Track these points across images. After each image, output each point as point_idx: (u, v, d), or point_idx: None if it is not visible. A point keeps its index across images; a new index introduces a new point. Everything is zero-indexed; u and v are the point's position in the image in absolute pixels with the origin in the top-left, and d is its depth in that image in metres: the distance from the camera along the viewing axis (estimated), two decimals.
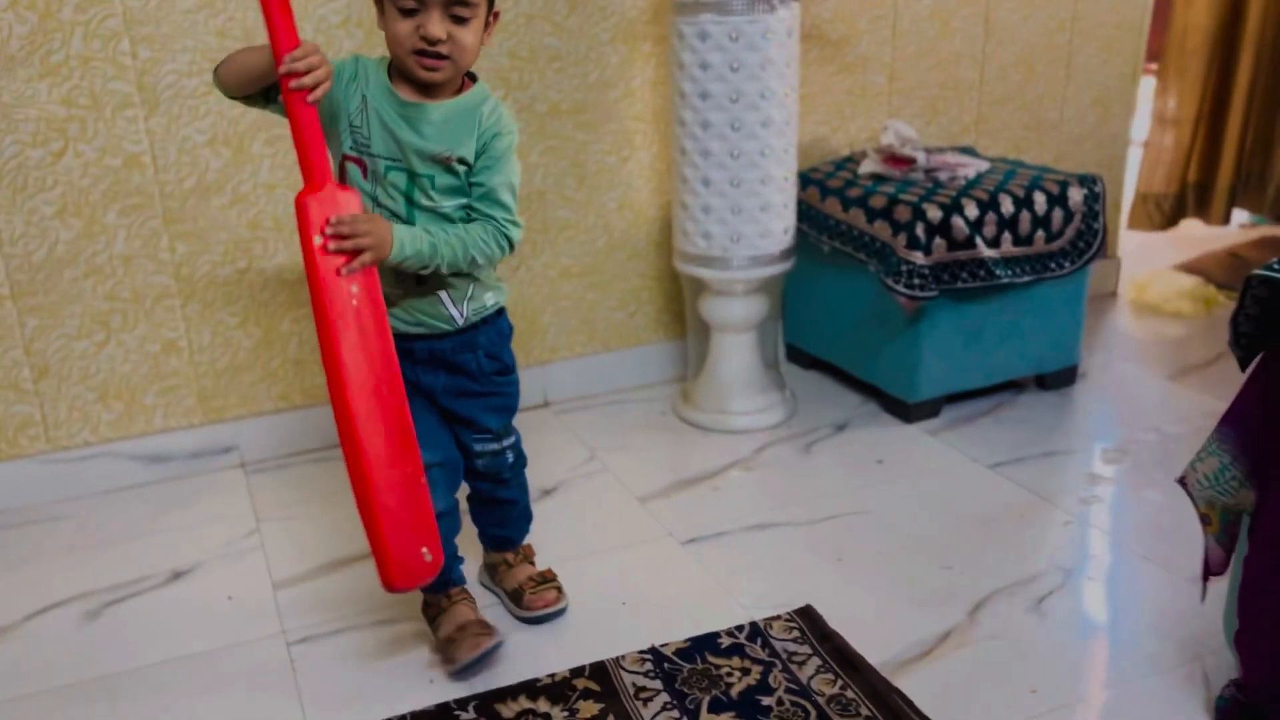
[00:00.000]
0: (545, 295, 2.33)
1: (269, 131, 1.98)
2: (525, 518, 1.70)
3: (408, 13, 1.31)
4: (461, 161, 1.38)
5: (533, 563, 1.70)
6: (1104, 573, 1.73)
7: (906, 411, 2.24)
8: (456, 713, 1.41)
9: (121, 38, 1.84)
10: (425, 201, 1.39)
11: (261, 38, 1.30)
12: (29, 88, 1.81)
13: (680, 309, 2.46)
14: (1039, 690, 1.43)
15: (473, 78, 1.43)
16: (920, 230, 2.07)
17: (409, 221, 1.38)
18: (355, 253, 1.29)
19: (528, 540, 1.72)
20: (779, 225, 2.13)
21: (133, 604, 1.71)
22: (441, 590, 1.55)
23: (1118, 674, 1.48)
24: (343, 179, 1.39)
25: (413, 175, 1.38)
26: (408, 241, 1.34)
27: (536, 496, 1.98)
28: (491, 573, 1.71)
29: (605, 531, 1.88)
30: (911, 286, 2.07)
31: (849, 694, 1.42)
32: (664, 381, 2.49)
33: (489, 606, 1.66)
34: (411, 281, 1.41)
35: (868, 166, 2.30)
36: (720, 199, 2.08)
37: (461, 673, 1.50)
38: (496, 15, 1.40)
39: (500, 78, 2.14)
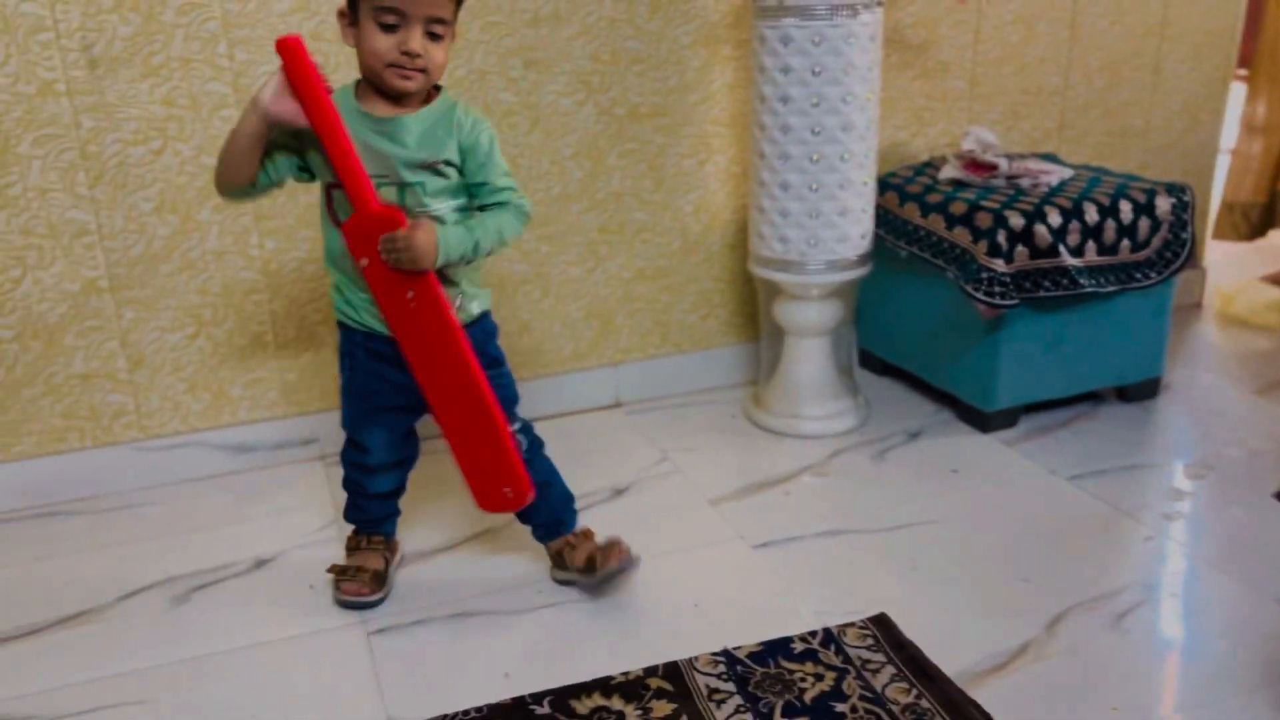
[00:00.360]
0: (619, 297, 2.35)
1: None
2: (565, 499, 1.75)
3: (388, 28, 1.42)
4: (448, 164, 1.50)
5: (593, 539, 1.73)
6: (1186, 590, 1.70)
7: (983, 420, 2.22)
8: (531, 707, 1.43)
9: (220, 40, 1.90)
10: (419, 209, 1.49)
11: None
12: (131, 88, 1.88)
13: (753, 312, 2.47)
14: (1120, 709, 1.41)
15: (437, 88, 1.54)
16: (1001, 237, 2.05)
17: None
18: (405, 264, 1.45)
19: (582, 526, 1.75)
20: (857, 230, 2.12)
21: (218, 589, 1.76)
22: (367, 530, 1.75)
23: (1200, 694, 1.44)
24: (330, 205, 1.52)
25: (403, 186, 1.49)
26: (453, 245, 1.47)
27: (607, 496, 2.01)
28: (558, 561, 1.74)
29: (677, 532, 1.89)
30: (991, 294, 2.05)
31: (924, 704, 1.41)
32: (735, 385, 2.49)
33: (565, 603, 1.68)
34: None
35: (948, 172, 2.28)
36: (798, 203, 2.08)
37: (339, 605, 1.69)
38: (453, 35, 1.50)
39: (581, 80, 2.16)
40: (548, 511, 1.72)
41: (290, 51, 1.41)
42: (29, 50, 1.80)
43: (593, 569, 1.66)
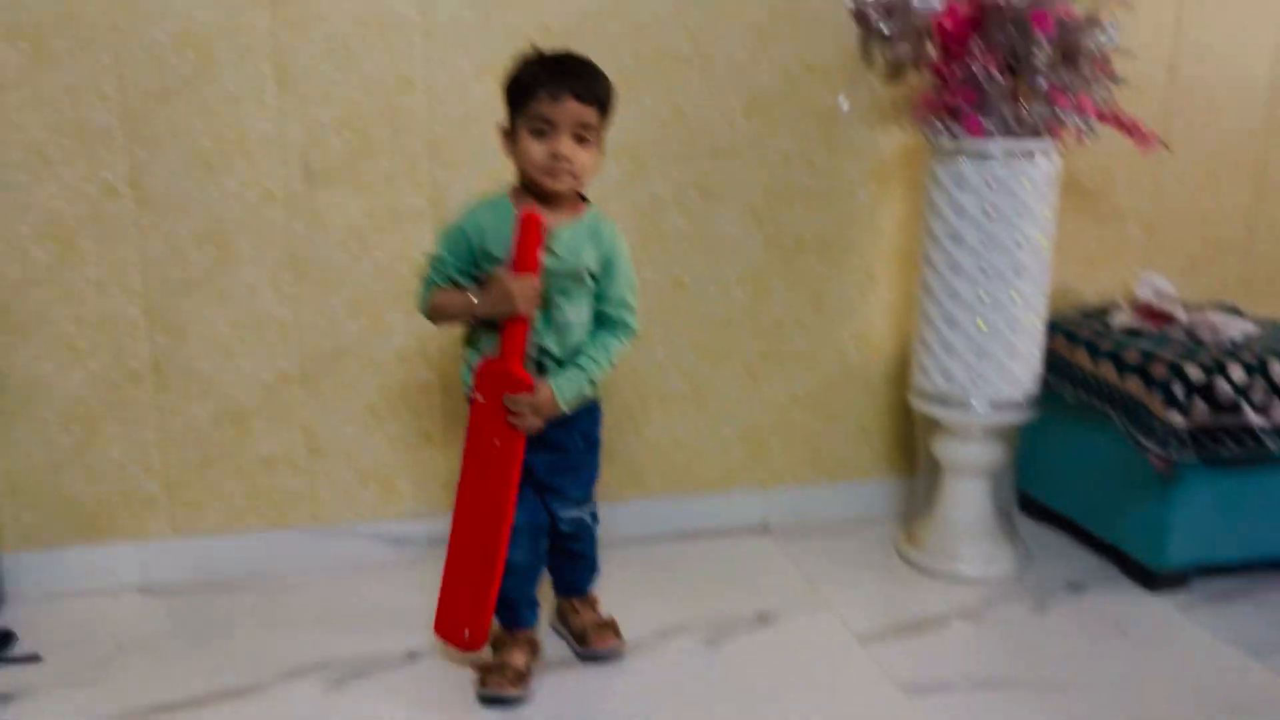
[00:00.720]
0: (773, 420, 2.36)
1: None
2: (592, 568, 1.94)
3: (540, 134, 1.60)
4: (590, 274, 1.67)
5: (597, 611, 1.92)
6: None
7: (1152, 579, 2.10)
8: None
9: (423, 159, 2.06)
10: (555, 313, 1.67)
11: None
12: (340, 199, 2.04)
13: (910, 445, 2.44)
14: None
15: (584, 198, 1.70)
16: (1179, 390, 1.98)
17: (546, 324, 1.67)
18: (519, 425, 1.65)
19: (595, 591, 1.95)
20: (1025, 372, 2.09)
21: (372, 679, 1.81)
22: (511, 626, 1.81)
23: None
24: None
25: (546, 290, 1.64)
26: (568, 391, 1.67)
27: (752, 623, 1.99)
28: (561, 617, 1.94)
29: (822, 669, 1.84)
30: (1167, 447, 1.97)
31: None
32: (888, 518, 2.45)
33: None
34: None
35: (1121, 319, 2.23)
36: (964, 340, 2.07)
37: (481, 700, 1.73)
38: (602, 145, 1.67)
39: (752, 211, 2.23)
40: (573, 576, 1.92)
41: (534, 227, 1.59)
42: (257, 162, 1.99)
43: (583, 642, 1.87)
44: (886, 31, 2.06)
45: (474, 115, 2.05)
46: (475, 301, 1.65)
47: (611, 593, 2.09)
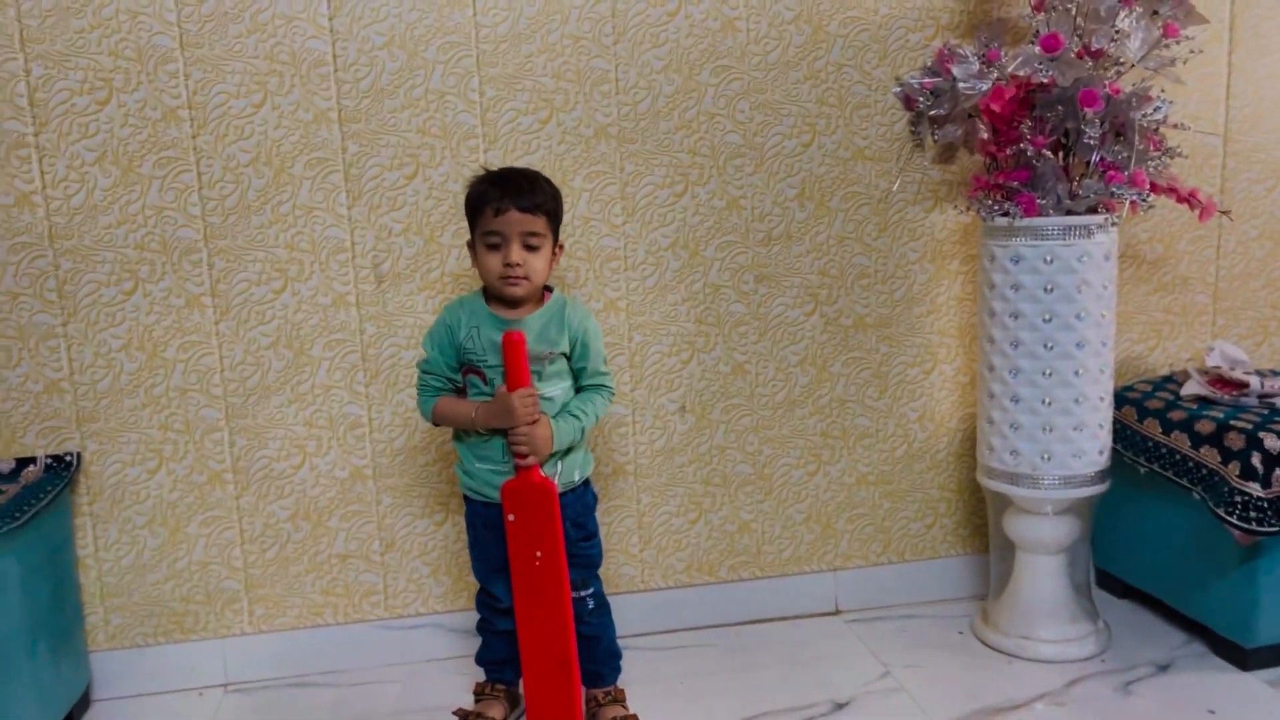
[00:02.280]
0: (841, 501, 2.36)
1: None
2: (611, 655, 1.96)
3: (493, 247, 1.76)
4: (561, 354, 1.81)
5: (624, 704, 1.95)
6: None
7: (1242, 657, 2.03)
8: None
9: None
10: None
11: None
12: (409, 299, 2.12)
13: (980, 523, 2.41)
14: None
15: (549, 289, 1.86)
16: (1257, 460, 1.94)
17: None
18: (526, 452, 1.75)
19: (621, 684, 1.97)
20: (1093, 446, 2.06)
21: None
22: (493, 675, 1.97)
23: None
24: (465, 386, 1.84)
25: None
26: (565, 436, 1.79)
27: (828, 710, 1.96)
28: (589, 710, 1.95)
29: None
30: (1247, 520, 1.92)
31: None
32: (961, 598, 2.41)
33: None
34: (504, 463, 1.81)
35: (1191, 388, 2.20)
36: (1030, 416, 2.06)
37: None
38: (561, 247, 1.84)
39: (809, 293, 2.26)
40: (600, 663, 1.94)
41: (518, 345, 1.75)
42: (329, 267, 2.08)
43: None
44: (935, 114, 2.10)
45: None
46: (474, 416, 1.79)
47: (682, 681, 2.09)
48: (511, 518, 1.77)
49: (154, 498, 2.10)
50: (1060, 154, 2.05)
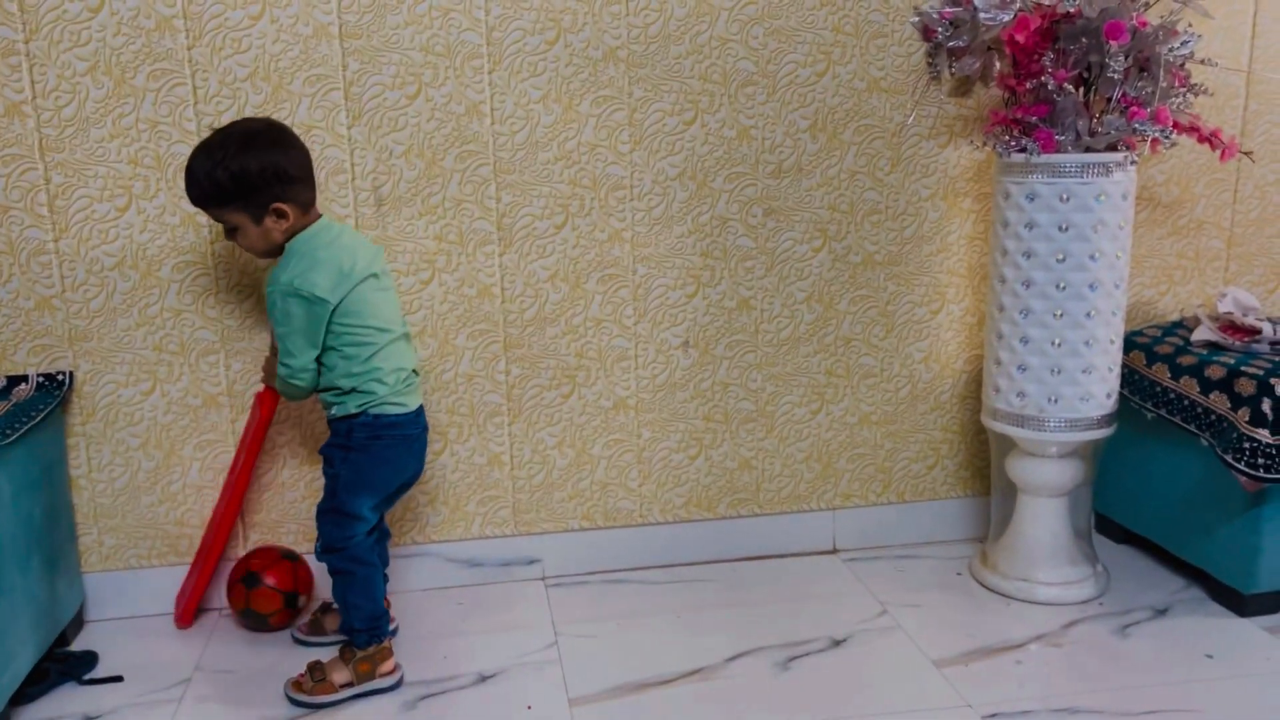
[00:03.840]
0: (842, 441, 2.34)
1: (601, 272, 2.15)
2: (343, 616, 1.89)
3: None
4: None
5: (342, 658, 1.87)
6: None
7: (1240, 603, 2.03)
8: None
9: (489, 184, 2.08)
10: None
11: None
12: (409, 224, 2.07)
13: (983, 466, 2.39)
14: None
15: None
16: (1267, 406, 1.91)
17: None
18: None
19: (359, 650, 1.87)
20: (1101, 389, 2.04)
21: (444, 700, 1.82)
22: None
23: None
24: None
25: None
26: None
27: (825, 646, 1.96)
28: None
29: (900, 695, 1.81)
30: (1255, 466, 1.90)
31: None
32: (961, 540, 2.40)
33: None
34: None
35: (1202, 334, 2.17)
36: (1039, 358, 2.03)
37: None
38: (278, 209, 1.75)
39: (818, 229, 2.22)
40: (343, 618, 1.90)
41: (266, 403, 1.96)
42: (328, 189, 2.03)
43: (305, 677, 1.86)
44: (953, 45, 2.04)
45: (538, 140, 2.07)
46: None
47: (681, 614, 2.09)
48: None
49: (148, 420, 2.07)
50: (1080, 89, 2.00)
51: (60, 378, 2.00)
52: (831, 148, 2.19)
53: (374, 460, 1.83)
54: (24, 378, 1.98)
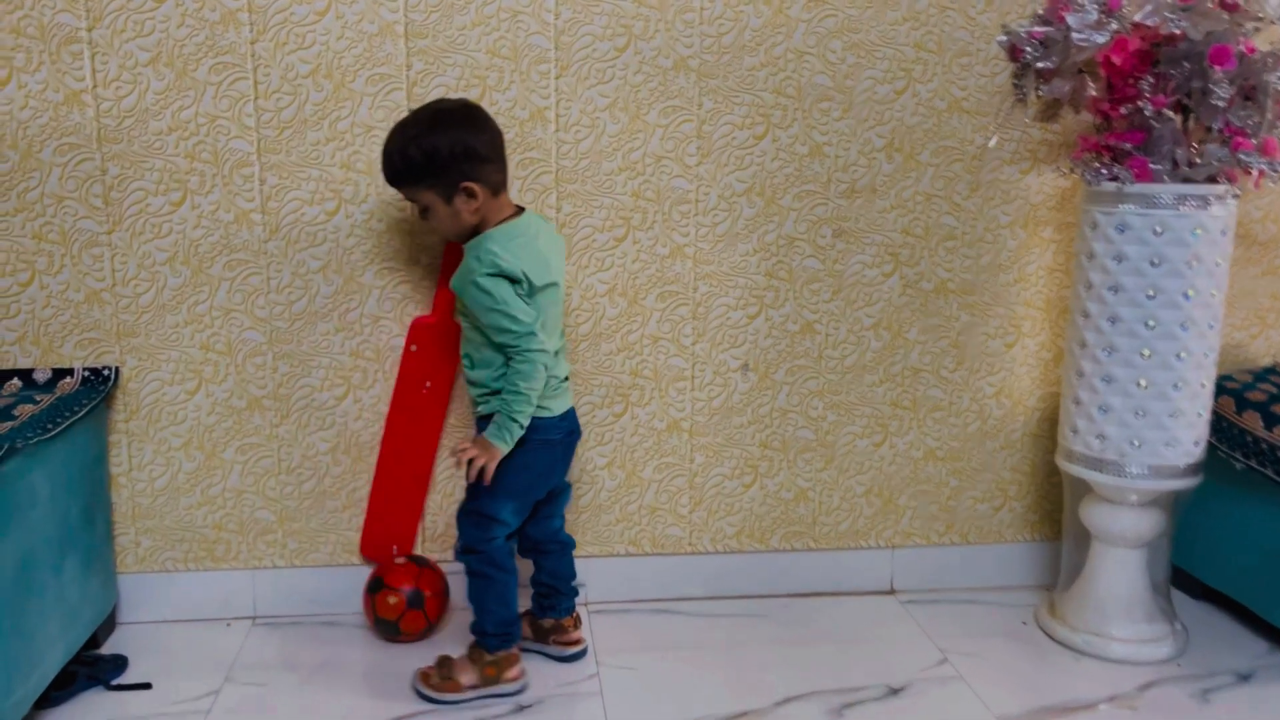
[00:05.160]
0: (905, 476, 2.23)
1: (661, 288, 2.07)
2: (476, 617, 1.85)
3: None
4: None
5: (470, 658, 1.85)
6: None
7: None
8: None
9: (551, 192, 2.01)
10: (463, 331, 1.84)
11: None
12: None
13: (1052, 509, 2.26)
14: None
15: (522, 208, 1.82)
16: None
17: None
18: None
19: (487, 654, 1.84)
20: (1189, 435, 1.91)
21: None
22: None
23: None
24: None
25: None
26: (493, 434, 1.74)
27: (881, 694, 1.85)
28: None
29: None
30: None
31: None
32: (1026, 587, 2.27)
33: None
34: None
35: None
36: (1122, 399, 1.91)
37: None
38: (465, 189, 1.71)
39: (890, 253, 2.12)
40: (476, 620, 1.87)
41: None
42: (385, 191, 1.97)
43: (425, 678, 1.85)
44: (1042, 67, 1.94)
45: (603, 149, 2.00)
46: None
47: (728, 651, 1.99)
48: (414, 348, 1.99)
49: (191, 420, 2.03)
50: (1180, 116, 1.88)
51: (106, 373, 1.96)
52: (908, 169, 2.09)
53: (519, 464, 1.78)
54: (70, 371, 1.95)
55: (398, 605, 1.97)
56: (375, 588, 1.99)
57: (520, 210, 1.80)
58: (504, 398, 1.74)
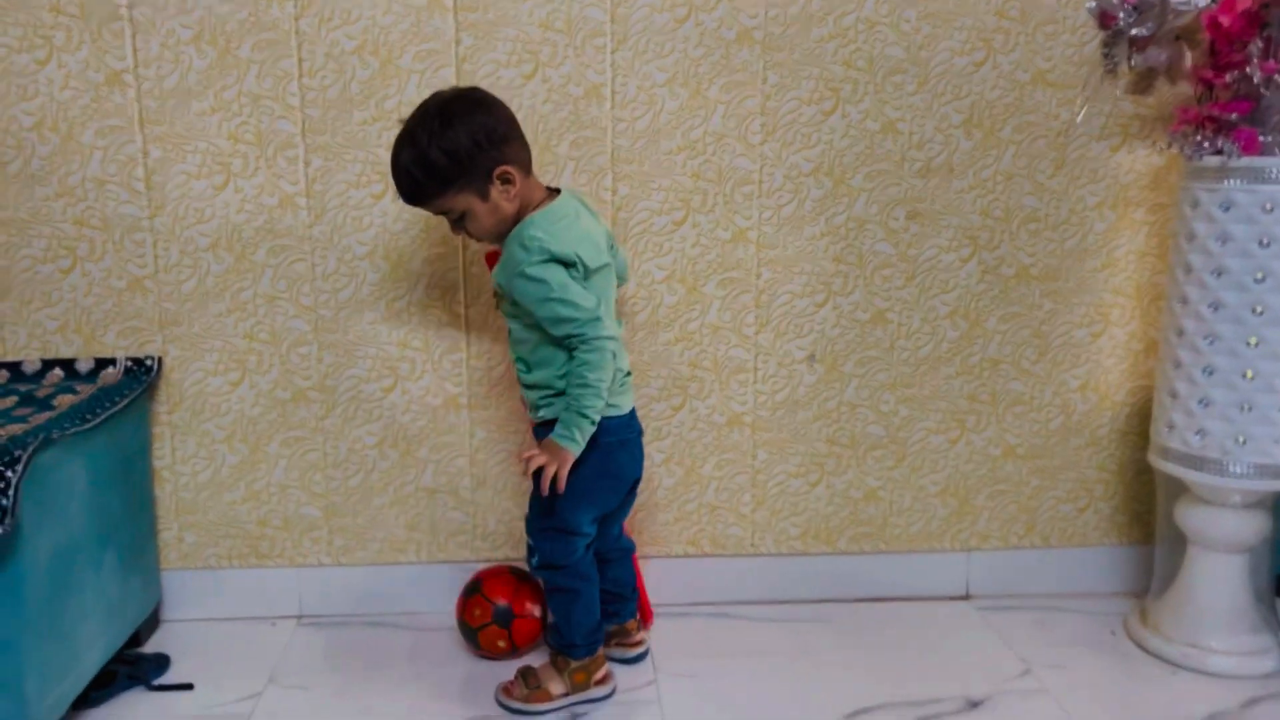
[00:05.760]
0: (983, 475, 2.09)
1: (722, 274, 1.96)
2: (559, 632, 1.76)
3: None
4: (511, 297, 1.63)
5: (556, 667, 1.75)
6: None
7: None
8: None
9: (606, 174, 1.91)
10: (509, 327, 1.69)
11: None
12: None
13: (1142, 511, 2.11)
14: None
15: (556, 190, 1.68)
16: None
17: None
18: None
19: (573, 661, 1.75)
20: None
21: None
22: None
23: None
24: None
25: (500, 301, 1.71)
26: (561, 433, 1.59)
27: (960, 707, 1.72)
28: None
29: None
30: None
31: None
32: (1113, 594, 2.13)
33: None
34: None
35: None
36: (1226, 392, 1.76)
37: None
38: (500, 175, 1.57)
39: (967, 236, 1.98)
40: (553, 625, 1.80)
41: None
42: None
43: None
44: (1136, 34, 1.79)
45: (661, 128, 1.90)
46: None
47: (793, 659, 1.88)
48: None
49: (235, 411, 1.96)
50: None
51: (149, 363, 1.90)
52: (987, 146, 1.95)
53: (593, 470, 1.65)
54: (112, 361, 1.89)
55: (483, 614, 1.86)
56: (470, 590, 1.89)
57: (556, 191, 1.67)
58: (571, 393, 1.59)
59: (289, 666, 1.86)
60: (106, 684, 1.74)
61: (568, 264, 1.58)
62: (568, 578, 1.71)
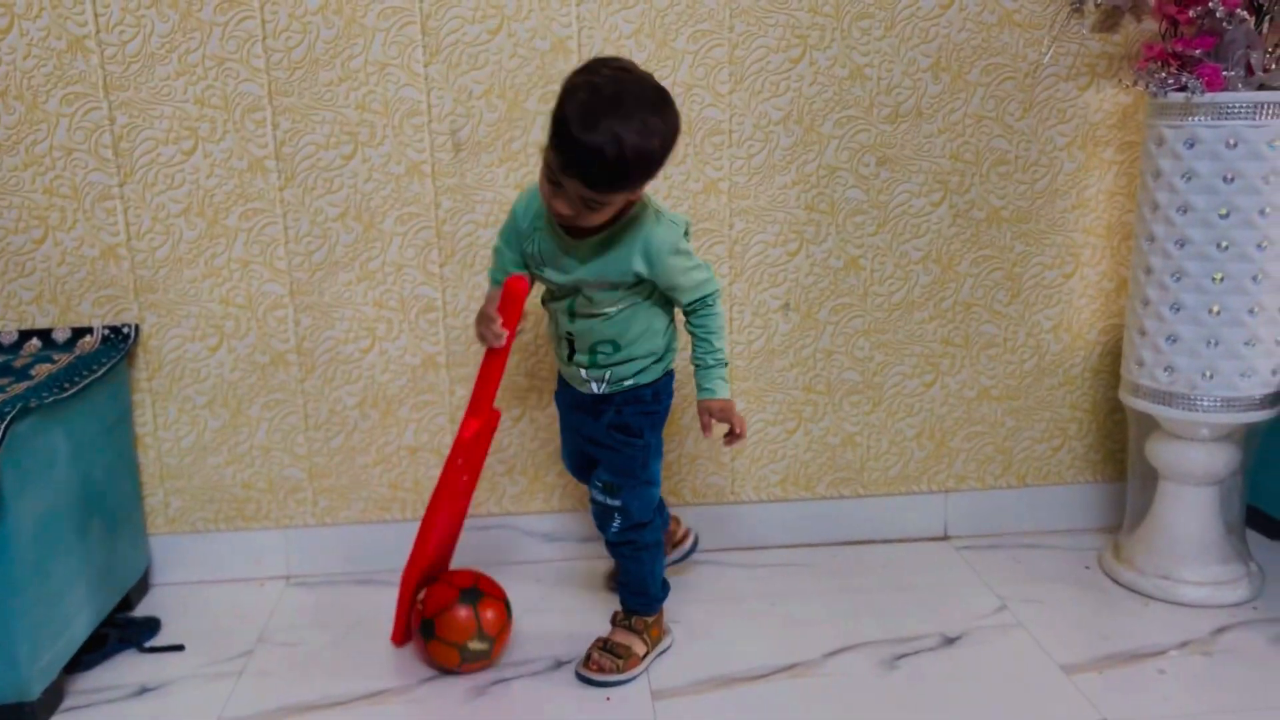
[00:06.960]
0: (958, 417, 2.12)
1: (695, 225, 1.96)
2: (637, 592, 1.76)
3: (554, 183, 1.46)
4: (634, 278, 1.56)
5: (640, 635, 1.74)
6: None
7: None
8: None
9: None
10: (584, 309, 1.60)
11: None
12: (489, 171, 1.92)
13: (1115, 448, 2.15)
14: None
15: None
16: None
17: (571, 320, 1.63)
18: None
19: (649, 617, 1.76)
20: (1266, 364, 1.78)
21: (516, 685, 1.68)
22: None
23: None
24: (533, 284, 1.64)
25: (575, 294, 1.60)
26: (716, 388, 1.62)
27: (937, 643, 1.76)
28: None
29: (1022, 701, 1.60)
30: None
31: None
32: (1089, 529, 2.17)
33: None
34: (565, 360, 1.69)
35: None
36: (1193, 328, 1.78)
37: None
38: (636, 196, 1.51)
39: (938, 180, 1.99)
40: (626, 590, 1.78)
41: (511, 294, 1.57)
42: (403, 132, 1.88)
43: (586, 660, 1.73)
44: None
45: None
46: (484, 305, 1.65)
47: (775, 603, 1.91)
48: (460, 462, 1.71)
49: (215, 376, 1.97)
50: (1254, 17, 1.73)
51: (126, 330, 1.91)
52: (955, 89, 1.96)
53: (662, 419, 1.73)
54: (89, 329, 1.90)
55: (464, 632, 1.70)
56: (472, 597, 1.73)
57: None
58: (714, 347, 1.62)
59: (278, 625, 1.89)
60: (98, 647, 1.77)
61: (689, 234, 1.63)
62: (653, 531, 1.74)
